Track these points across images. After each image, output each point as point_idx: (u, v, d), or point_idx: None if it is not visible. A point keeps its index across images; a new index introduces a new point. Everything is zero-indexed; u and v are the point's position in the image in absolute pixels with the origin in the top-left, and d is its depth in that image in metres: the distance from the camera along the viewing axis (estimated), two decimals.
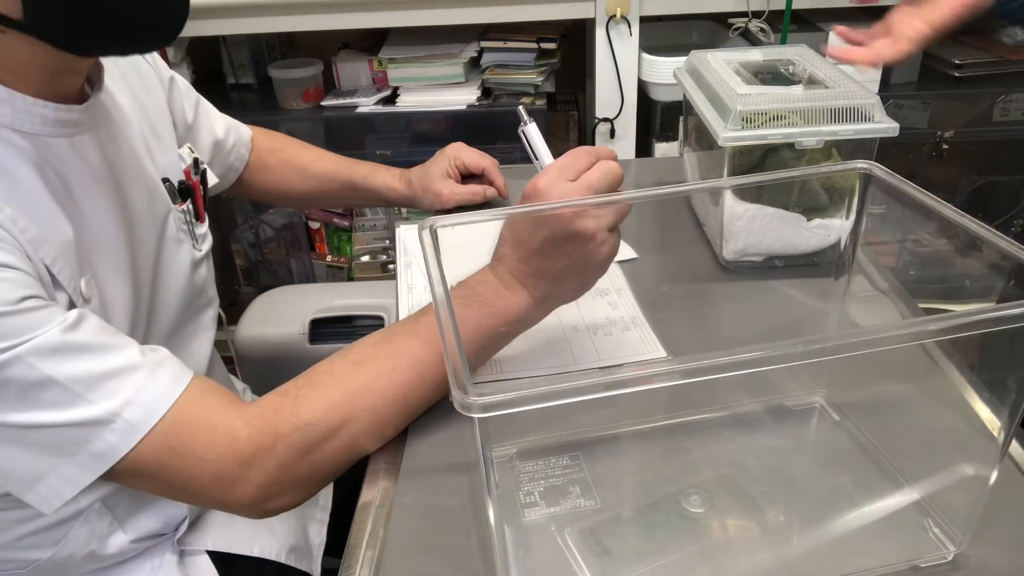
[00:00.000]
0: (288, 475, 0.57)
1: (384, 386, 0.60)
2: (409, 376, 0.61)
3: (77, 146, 0.60)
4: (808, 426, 0.67)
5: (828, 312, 0.74)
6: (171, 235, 0.72)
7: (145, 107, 0.73)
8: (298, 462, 0.57)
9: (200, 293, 0.77)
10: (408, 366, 0.61)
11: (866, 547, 0.55)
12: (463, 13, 1.46)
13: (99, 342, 0.54)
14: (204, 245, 0.78)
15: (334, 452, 0.59)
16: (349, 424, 0.59)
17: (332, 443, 0.58)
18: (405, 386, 0.61)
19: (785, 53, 0.96)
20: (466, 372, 0.40)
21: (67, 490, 0.54)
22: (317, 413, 0.58)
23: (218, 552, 0.75)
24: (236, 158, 0.95)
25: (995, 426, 0.50)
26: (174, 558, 0.72)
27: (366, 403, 0.59)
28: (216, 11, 1.47)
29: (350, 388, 0.59)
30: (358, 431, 0.59)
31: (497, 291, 0.63)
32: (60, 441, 0.52)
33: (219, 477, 0.55)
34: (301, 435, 0.57)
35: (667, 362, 0.43)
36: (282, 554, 0.78)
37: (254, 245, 1.85)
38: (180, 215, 0.73)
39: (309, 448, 0.57)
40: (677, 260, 0.94)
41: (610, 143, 1.58)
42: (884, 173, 0.58)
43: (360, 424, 0.59)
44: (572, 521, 0.57)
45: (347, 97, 1.63)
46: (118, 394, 0.53)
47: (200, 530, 0.75)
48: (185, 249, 0.73)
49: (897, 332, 0.43)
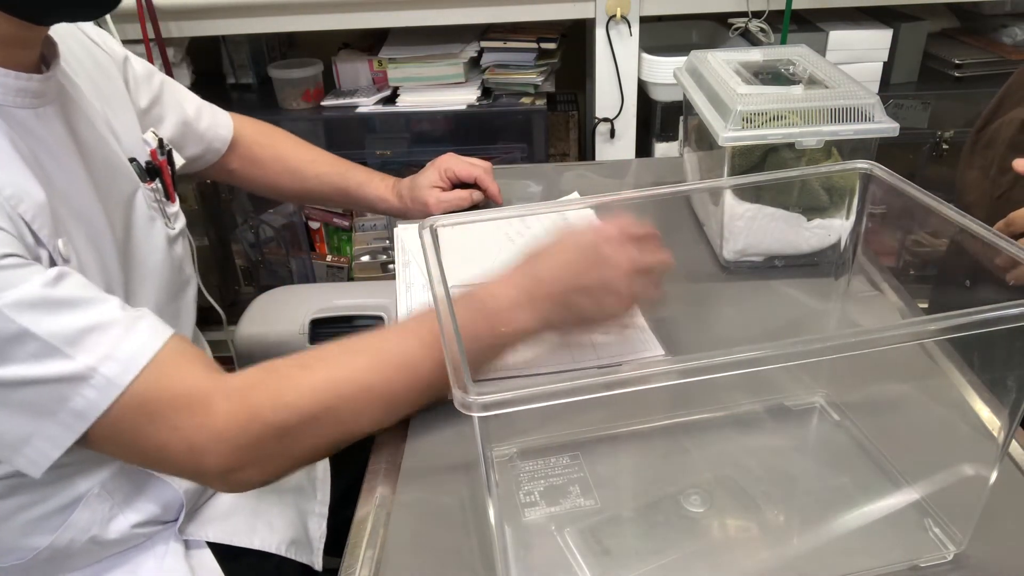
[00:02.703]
0: (261, 453, 0.57)
1: (372, 380, 0.59)
2: (399, 375, 0.60)
3: (42, 117, 0.61)
4: (808, 426, 0.67)
5: (828, 312, 0.74)
6: (142, 212, 0.72)
7: (103, 91, 0.74)
8: (273, 442, 0.56)
9: (179, 270, 0.77)
10: (400, 365, 0.60)
11: (866, 547, 0.55)
12: (463, 13, 1.46)
13: (79, 297, 0.54)
14: (177, 223, 0.78)
15: (311, 438, 0.58)
16: (330, 413, 0.58)
17: (310, 429, 0.57)
18: (393, 383, 0.60)
19: (785, 53, 0.96)
20: (466, 371, 0.40)
21: (53, 451, 0.54)
22: (298, 397, 0.57)
23: (219, 544, 0.76)
24: (214, 138, 0.95)
25: (995, 426, 0.50)
26: (179, 548, 0.73)
27: (350, 394, 0.58)
28: (216, 11, 1.47)
29: (337, 376, 0.58)
30: (338, 420, 0.58)
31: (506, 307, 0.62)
32: (41, 399, 0.52)
33: (192, 447, 0.55)
34: (280, 417, 0.56)
35: (667, 362, 0.43)
36: (282, 547, 0.79)
37: (254, 245, 1.85)
38: (150, 193, 0.74)
39: (287, 431, 0.56)
40: (677, 260, 0.94)
41: (610, 143, 1.58)
42: (884, 173, 0.58)
43: (341, 414, 0.58)
44: (572, 521, 0.57)
45: (347, 97, 1.63)
46: (96, 349, 0.53)
47: (200, 522, 0.76)
48: (158, 227, 0.74)
49: (897, 332, 0.43)
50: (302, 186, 1.02)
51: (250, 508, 0.80)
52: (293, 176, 1.02)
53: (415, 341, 0.61)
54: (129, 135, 0.75)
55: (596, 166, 1.37)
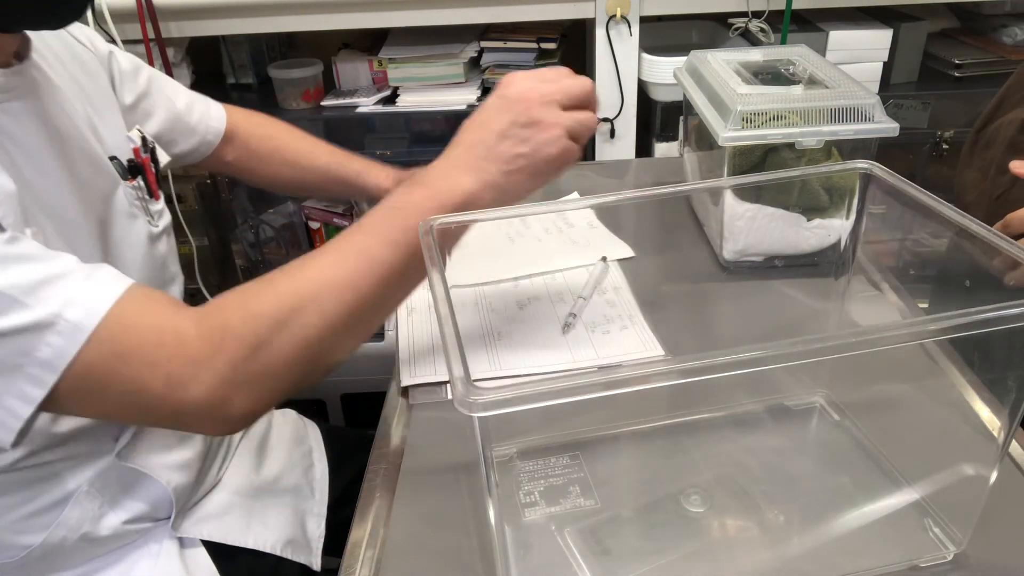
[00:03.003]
0: (241, 373, 0.55)
1: (331, 275, 0.59)
2: (356, 264, 0.59)
3: (11, 112, 0.60)
4: (808, 426, 0.67)
5: (828, 312, 0.74)
6: (122, 210, 0.71)
7: (86, 89, 0.73)
8: (249, 359, 0.55)
9: (162, 268, 0.76)
10: (357, 253, 0.60)
11: (866, 547, 0.55)
12: (463, 13, 1.46)
13: (35, 253, 0.53)
14: (161, 221, 0.77)
15: (284, 345, 0.57)
16: (298, 314, 0.57)
17: (282, 335, 0.56)
18: (353, 273, 0.59)
19: (785, 53, 0.96)
20: (466, 371, 0.40)
21: (23, 408, 0.53)
22: (265, 305, 0.56)
23: (214, 544, 0.75)
24: (207, 131, 0.94)
25: (995, 426, 0.50)
26: (174, 547, 0.73)
27: (313, 291, 0.58)
28: (216, 11, 1.47)
29: (298, 280, 0.58)
30: (307, 321, 0.57)
31: (444, 173, 0.63)
32: (5, 354, 0.51)
33: (170, 379, 0.54)
34: (250, 327, 0.55)
35: (667, 361, 0.43)
36: (277, 546, 0.78)
37: (254, 245, 1.85)
38: (131, 191, 0.73)
39: (259, 342, 0.56)
40: (677, 260, 0.94)
41: (610, 143, 1.58)
42: (884, 173, 0.58)
43: (309, 314, 0.57)
44: (572, 521, 0.57)
45: (347, 97, 1.63)
46: (57, 296, 0.52)
47: (195, 520, 0.76)
48: (140, 224, 0.73)
49: (897, 332, 0.43)
50: (300, 177, 1.01)
51: (245, 507, 0.79)
52: (291, 168, 1.01)
53: (363, 233, 0.61)
54: (112, 133, 0.74)
55: (596, 166, 1.37)
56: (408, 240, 0.60)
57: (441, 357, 0.76)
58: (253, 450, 0.86)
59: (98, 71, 0.77)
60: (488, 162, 0.63)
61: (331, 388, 1.43)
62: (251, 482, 0.82)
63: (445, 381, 0.72)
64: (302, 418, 0.97)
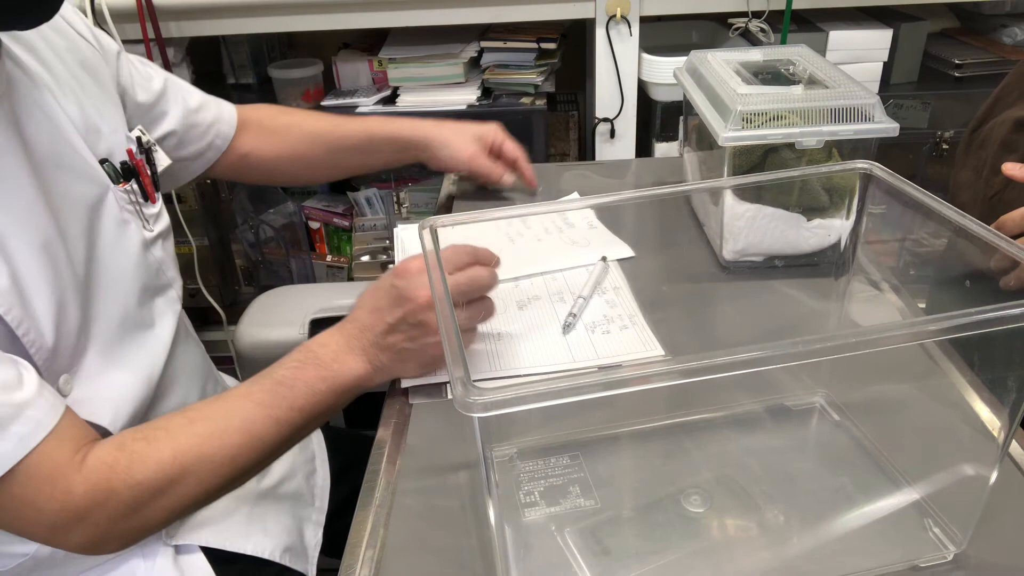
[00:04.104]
0: (117, 529, 0.59)
1: (213, 449, 0.61)
2: (239, 439, 0.62)
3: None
4: (808, 426, 0.67)
5: (828, 312, 0.74)
6: (111, 216, 0.70)
7: (84, 85, 0.71)
8: (128, 518, 0.59)
9: (157, 273, 0.75)
10: (239, 429, 0.62)
11: (866, 547, 0.55)
12: (463, 13, 1.46)
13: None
14: (157, 225, 0.76)
15: (161, 511, 0.60)
16: (177, 485, 0.60)
17: (159, 502, 0.60)
18: (234, 449, 0.62)
19: (785, 53, 0.96)
20: (466, 371, 0.40)
21: None
22: (148, 473, 0.59)
23: (213, 550, 0.75)
24: (220, 126, 0.92)
25: (995, 426, 0.50)
26: (168, 554, 0.72)
27: (194, 466, 0.60)
28: (216, 11, 1.47)
29: (180, 448, 0.60)
30: (185, 492, 0.60)
31: (337, 355, 0.66)
32: None
33: (53, 527, 0.57)
34: (131, 494, 0.58)
35: (667, 361, 0.43)
36: (276, 553, 0.78)
37: (254, 245, 1.85)
38: (123, 195, 0.71)
39: (138, 507, 0.59)
40: (677, 260, 0.94)
41: (610, 143, 1.58)
42: (884, 173, 0.58)
43: (187, 485, 0.60)
44: (572, 521, 0.57)
45: (347, 97, 1.63)
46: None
47: (193, 526, 0.75)
48: (132, 230, 0.72)
49: (897, 332, 0.43)
50: (326, 149, 0.99)
51: (245, 513, 0.79)
52: (315, 141, 0.98)
53: (251, 403, 0.63)
54: (111, 132, 0.72)
55: (596, 166, 1.37)
56: (292, 419, 0.63)
57: None
58: None
59: (100, 67, 0.75)
60: (378, 350, 0.66)
61: None
62: (254, 488, 0.82)
63: (445, 381, 0.72)
64: None
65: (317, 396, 0.64)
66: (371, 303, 0.67)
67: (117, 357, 0.68)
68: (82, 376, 0.64)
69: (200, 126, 0.90)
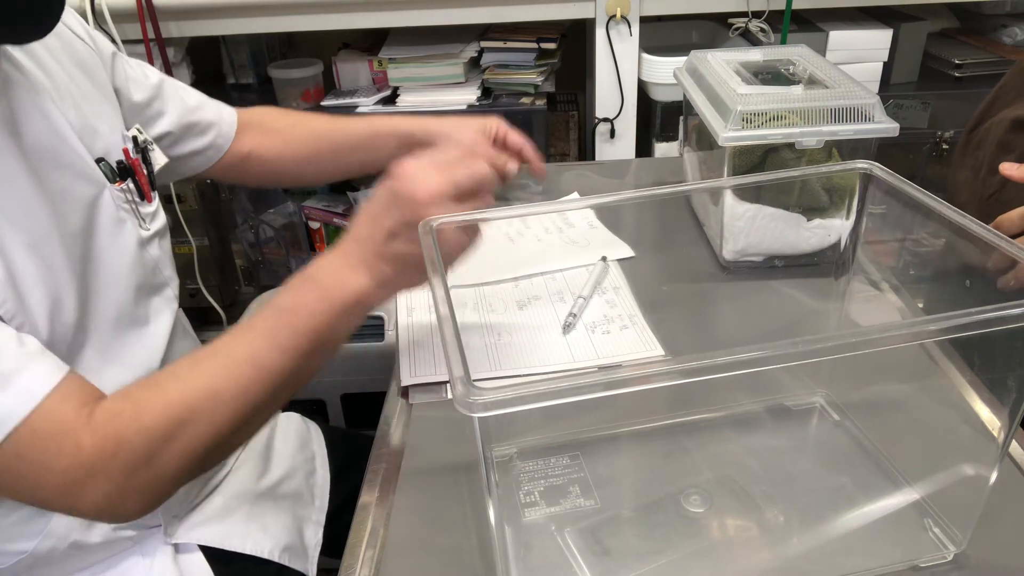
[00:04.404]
0: (133, 482, 0.57)
1: (221, 383, 0.59)
2: (247, 371, 0.59)
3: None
4: (808, 426, 0.67)
5: (828, 312, 0.74)
6: (107, 215, 0.70)
7: (80, 85, 0.71)
8: (142, 468, 0.57)
9: (153, 272, 0.75)
10: (245, 360, 0.60)
11: (866, 547, 0.55)
12: (463, 13, 1.46)
13: None
14: (153, 224, 0.76)
15: (175, 456, 0.58)
16: (187, 426, 0.58)
17: (173, 446, 0.57)
18: (243, 381, 0.59)
19: (785, 53, 0.96)
20: (466, 371, 0.40)
21: None
22: (156, 416, 0.57)
23: (212, 549, 0.75)
24: (220, 126, 0.92)
25: (995, 426, 0.50)
26: (167, 552, 0.72)
27: (203, 403, 0.58)
28: (216, 11, 1.47)
29: (187, 388, 0.58)
30: (197, 432, 0.58)
31: (334, 274, 0.62)
32: None
33: (65, 485, 0.55)
34: (142, 439, 0.56)
35: (667, 362, 0.43)
36: (275, 552, 0.78)
37: (254, 245, 1.85)
38: (119, 194, 0.71)
39: (151, 453, 0.57)
40: (677, 260, 0.94)
41: (610, 143, 1.58)
42: (884, 173, 0.58)
43: (199, 425, 0.58)
44: (572, 521, 0.57)
45: (347, 97, 1.63)
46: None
47: (191, 525, 0.75)
48: (128, 228, 0.72)
49: (897, 332, 0.43)
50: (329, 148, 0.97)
51: (245, 512, 0.79)
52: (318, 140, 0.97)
53: (254, 334, 0.61)
54: (108, 132, 0.72)
55: (596, 166, 1.37)
56: (298, 344, 0.60)
57: (441, 357, 0.76)
58: (258, 455, 0.86)
59: (96, 67, 0.75)
60: (379, 260, 0.62)
61: (331, 388, 1.43)
62: (254, 487, 0.82)
63: (445, 381, 0.72)
64: (305, 420, 0.97)
65: (318, 317, 0.61)
66: (368, 213, 0.63)
67: (113, 354, 0.68)
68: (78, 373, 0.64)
69: (199, 125, 0.89)
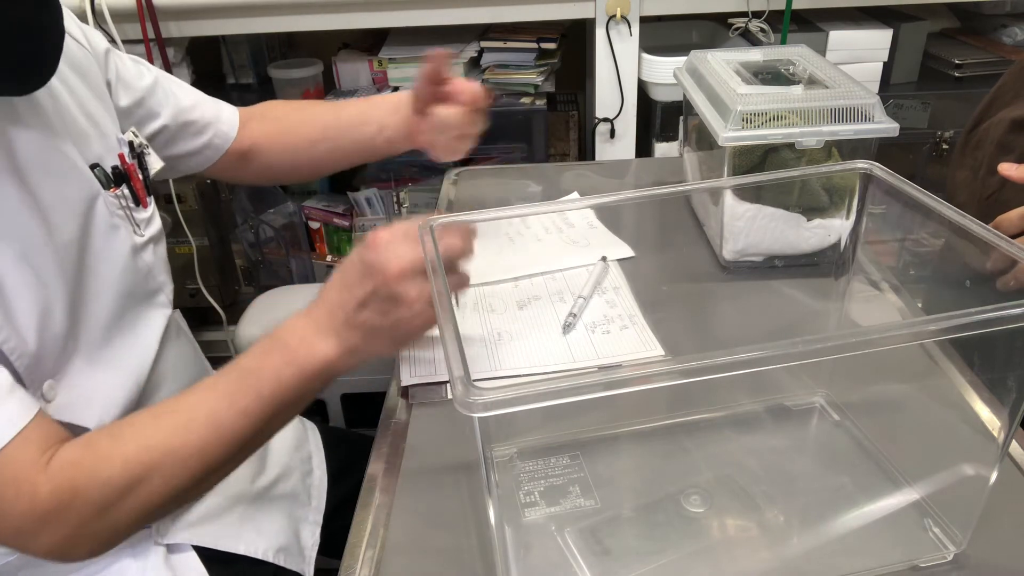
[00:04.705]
0: (86, 531, 0.57)
1: (179, 443, 0.59)
2: (205, 432, 0.60)
3: None
4: (808, 426, 0.67)
5: (828, 312, 0.74)
6: (101, 221, 0.69)
7: (76, 89, 0.71)
8: (95, 520, 0.57)
9: (147, 278, 0.75)
10: (205, 421, 0.60)
11: (866, 547, 0.55)
12: (463, 13, 1.46)
13: None
14: (148, 230, 0.75)
15: (130, 511, 0.58)
16: (144, 482, 0.58)
17: (127, 501, 0.58)
18: (200, 441, 0.60)
19: (785, 53, 0.96)
20: (466, 371, 0.40)
21: None
22: (114, 470, 0.57)
23: (207, 549, 0.74)
24: (215, 135, 0.91)
25: (995, 426, 0.50)
26: (160, 553, 0.72)
27: (161, 461, 0.58)
28: (216, 11, 1.47)
29: (146, 444, 0.59)
30: (153, 489, 0.59)
31: (304, 339, 0.63)
32: None
33: (20, 531, 0.56)
34: (98, 493, 0.57)
35: (667, 362, 0.43)
36: (269, 553, 0.77)
37: (254, 245, 1.85)
38: (114, 200, 0.71)
39: (106, 506, 0.57)
40: (677, 260, 0.94)
41: (610, 143, 1.58)
42: (884, 173, 0.58)
43: (155, 482, 0.58)
44: (572, 521, 0.57)
45: (347, 97, 1.63)
46: None
47: (184, 525, 0.74)
48: (122, 235, 0.71)
49: (897, 332, 0.43)
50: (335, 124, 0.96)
51: (239, 513, 0.78)
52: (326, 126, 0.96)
53: (215, 395, 0.61)
54: (101, 138, 0.72)
55: (596, 166, 1.37)
56: (261, 409, 0.61)
57: (441, 357, 0.76)
58: (254, 455, 0.85)
59: (91, 69, 0.75)
60: (349, 328, 0.62)
61: (331, 388, 1.43)
62: (248, 487, 0.81)
63: (445, 381, 0.72)
64: (302, 420, 0.97)
65: (284, 383, 0.62)
66: (340, 280, 0.64)
67: (103, 361, 0.67)
68: (67, 381, 0.63)
69: (195, 124, 0.89)
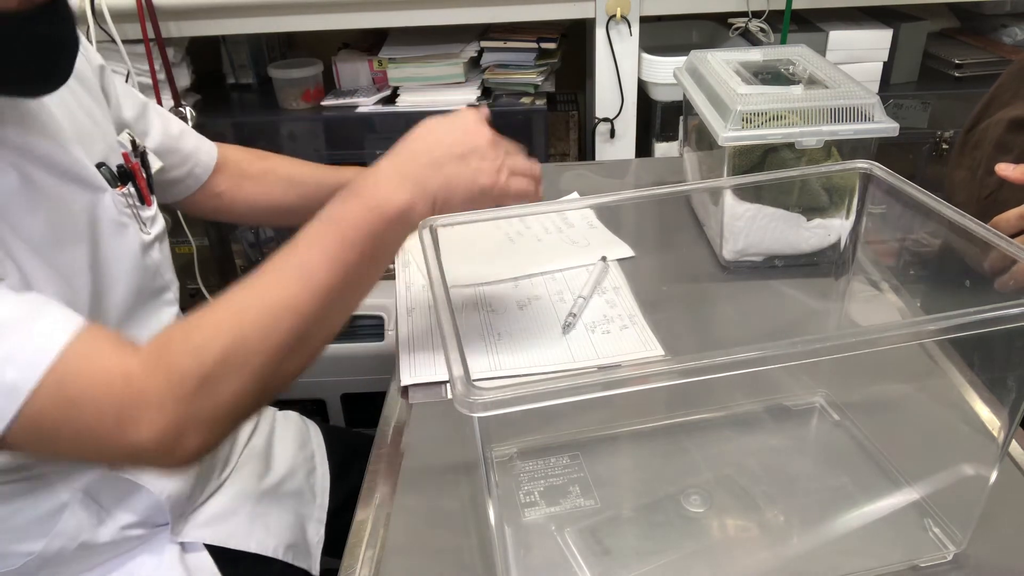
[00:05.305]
0: (190, 411, 0.54)
1: (271, 299, 0.57)
2: (296, 284, 0.57)
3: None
4: (808, 426, 0.67)
5: (828, 312, 0.74)
6: (110, 220, 0.69)
7: (76, 92, 0.71)
8: (197, 395, 0.54)
9: (155, 275, 0.75)
10: (293, 275, 0.58)
11: (866, 547, 0.55)
12: (463, 13, 1.46)
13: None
14: (153, 228, 0.75)
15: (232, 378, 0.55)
16: (238, 343, 0.55)
17: (227, 370, 0.54)
18: (293, 294, 0.57)
19: (785, 53, 0.96)
20: (466, 371, 0.40)
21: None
22: (208, 338, 0.54)
23: (217, 548, 0.75)
24: (196, 163, 0.90)
25: (995, 426, 0.50)
26: (175, 551, 0.73)
27: (254, 320, 0.56)
28: (216, 11, 1.47)
29: (237, 306, 0.56)
30: (248, 349, 0.55)
31: (378, 183, 0.63)
32: None
33: (120, 422, 0.52)
34: (196, 363, 0.54)
35: (667, 361, 0.43)
36: (279, 550, 0.78)
37: (254, 245, 1.85)
38: (120, 199, 0.71)
39: (206, 376, 0.54)
40: (677, 260, 0.94)
41: (610, 143, 1.58)
42: (884, 173, 0.58)
43: (249, 341, 0.55)
44: (572, 521, 0.57)
45: (347, 97, 1.63)
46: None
47: (196, 524, 0.75)
48: (131, 232, 0.71)
49: (897, 332, 0.43)
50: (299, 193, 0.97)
51: (248, 511, 0.79)
52: (289, 185, 0.96)
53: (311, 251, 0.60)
54: (103, 137, 0.72)
55: (596, 166, 1.37)
56: (346, 255, 0.59)
57: (441, 357, 0.75)
58: (258, 454, 0.86)
59: (89, 77, 0.75)
60: (431, 171, 0.63)
61: (331, 388, 1.43)
62: (256, 486, 0.82)
63: (445, 381, 0.72)
64: (304, 419, 0.97)
65: (364, 227, 0.60)
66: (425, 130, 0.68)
67: None
68: None
69: (179, 152, 0.88)
